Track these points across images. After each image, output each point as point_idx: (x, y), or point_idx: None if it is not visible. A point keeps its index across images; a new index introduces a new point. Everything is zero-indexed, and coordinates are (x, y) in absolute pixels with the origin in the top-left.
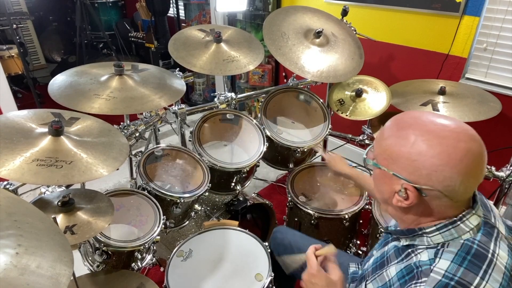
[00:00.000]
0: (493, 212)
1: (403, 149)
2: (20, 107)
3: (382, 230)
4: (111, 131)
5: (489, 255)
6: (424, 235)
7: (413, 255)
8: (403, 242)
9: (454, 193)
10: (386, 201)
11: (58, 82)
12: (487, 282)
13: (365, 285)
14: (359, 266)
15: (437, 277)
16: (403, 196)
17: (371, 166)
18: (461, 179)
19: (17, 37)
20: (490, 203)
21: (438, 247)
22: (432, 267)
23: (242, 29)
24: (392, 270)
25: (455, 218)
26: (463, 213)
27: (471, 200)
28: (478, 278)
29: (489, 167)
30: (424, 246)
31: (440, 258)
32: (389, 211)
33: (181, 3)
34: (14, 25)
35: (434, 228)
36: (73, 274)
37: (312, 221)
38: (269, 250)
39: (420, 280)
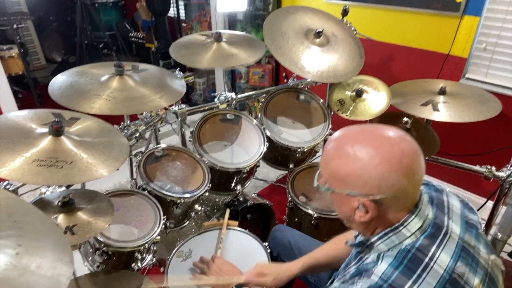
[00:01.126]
0: (450, 209)
1: (347, 167)
2: (20, 107)
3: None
4: (111, 131)
5: (426, 259)
6: (372, 245)
7: (363, 258)
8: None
9: (406, 194)
10: (349, 218)
11: (59, 82)
12: (418, 286)
13: (333, 282)
14: None
15: (374, 279)
16: (363, 211)
17: (326, 191)
18: (407, 179)
19: (18, 37)
20: (453, 198)
21: (383, 253)
22: (373, 269)
23: (242, 29)
24: (349, 272)
25: (396, 224)
26: (405, 217)
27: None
28: (410, 282)
29: (489, 167)
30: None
31: (381, 261)
32: (353, 227)
33: (181, 3)
34: (15, 25)
35: (377, 237)
36: (74, 274)
37: (312, 222)
38: (269, 250)
39: (361, 279)
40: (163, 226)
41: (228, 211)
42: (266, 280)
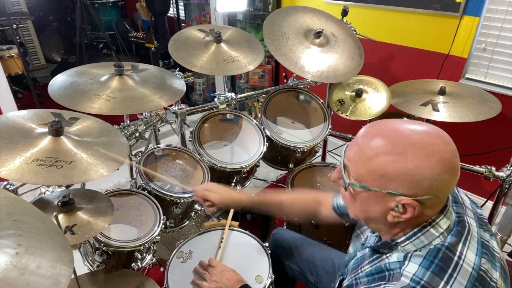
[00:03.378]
0: (464, 204)
1: (398, 165)
2: (20, 107)
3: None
4: (111, 131)
5: (456, 258)
6: (398, 245)
7: (384, 256)
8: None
9: (447, 192)
10: (373, 219)
11: (58, 82)
12: (451, 286)
13: (342, 282)
14: None
15: (405, 281)
16: (400, 211)
17: (356, 189)
18: (456, 179)
19: (17, 37)
20: (461, 192)
21: (410, 253)
22: (402, 270)
23: (242, 29)
24: (364, 270)
25: (424, 224)
26: (433, 217)
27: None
28: (443, 283)
29: (489, 167)
30: (399, 252)
31: (409, 261)
32: (373, 227)
33: (181, 3)
34: (14, 25)
35: (405, 237)
36: (74, 273)
37: (312, 222)
38: (269, 251)
39: (390, 282)
40: (163, 225)
41: (232, 211)
42: (211, 195)
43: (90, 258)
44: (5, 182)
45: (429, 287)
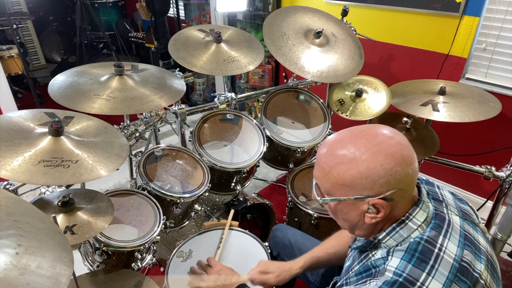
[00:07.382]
0: (445, 200)
1: (352, 171)
2: (20, 107)
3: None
4: (108, 128)
5: (436, 250)
6: (380, 242)
7: (370, 255)
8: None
9: (411, 184)
10: (356, 225)
11: (58, 82)
12: (433, 277)
13: (335, 285)
14: None
15: (388, 275)
16: (374, 212)
17: (331, 203)
18: (411, 169)
19: (17, 37)
20: (444, 190)
21: (392, 248)
22: (386, 265)
23: (242, 29)
24: (353, 270)
25: (402, 218)
26: (409, 211)
27: (417, 194)
28: (424, 274)
29: (489, 167)
30: (383, 249)
31: (392, 256)
32: (359, 233)
33: (181, 3)
34: (14, 25)
35: (385, 233)
36: (73, 274)
37: (312, 221)
38: (269, 251)
39: (375, 278)
40: (163, 225)
41: (232, 211)
42: (269, 278)
43: (90, 258)
44: (5, 182)
45: (411, 279)
